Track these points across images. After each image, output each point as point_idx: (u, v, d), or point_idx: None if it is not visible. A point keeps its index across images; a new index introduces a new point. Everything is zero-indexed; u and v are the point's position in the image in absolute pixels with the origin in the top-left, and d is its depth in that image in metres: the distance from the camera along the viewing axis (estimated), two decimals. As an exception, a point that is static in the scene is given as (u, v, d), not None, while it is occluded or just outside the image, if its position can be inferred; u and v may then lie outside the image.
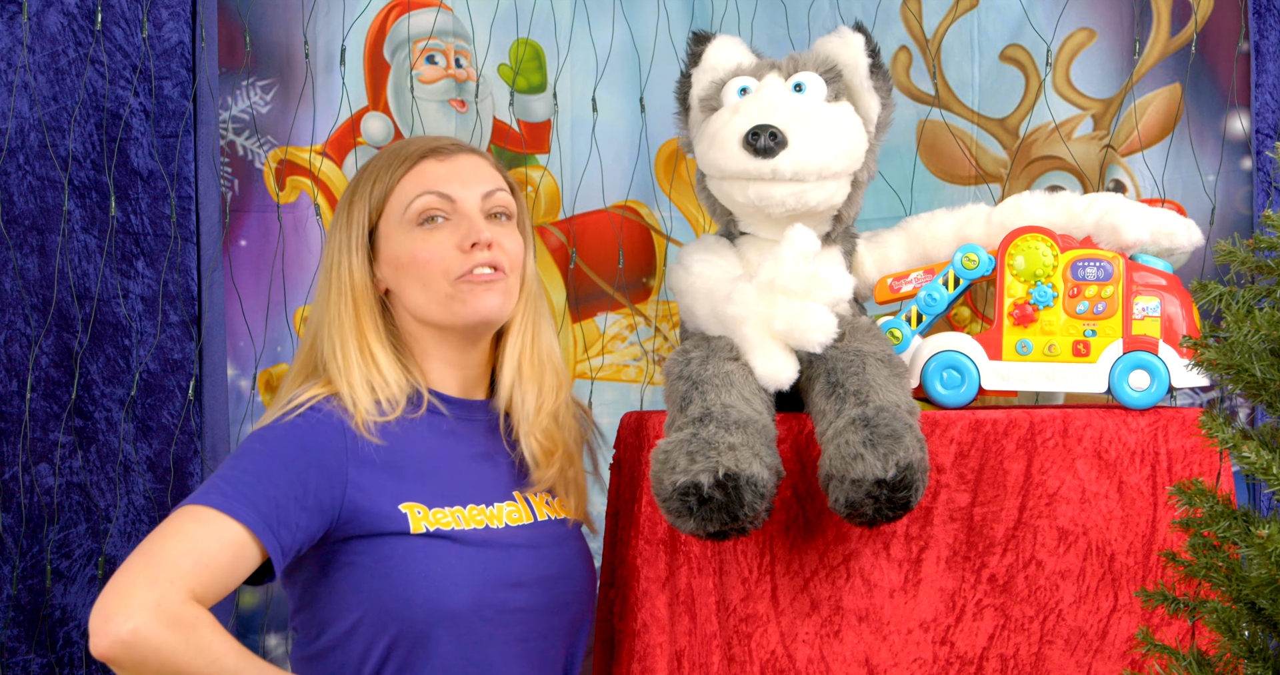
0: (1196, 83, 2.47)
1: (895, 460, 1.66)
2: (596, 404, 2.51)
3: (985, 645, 1.81)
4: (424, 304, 1.81)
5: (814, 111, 1.87)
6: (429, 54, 2.52)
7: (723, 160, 1.87)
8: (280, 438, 1.73)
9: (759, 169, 1.84)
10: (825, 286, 1.79)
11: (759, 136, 1.83)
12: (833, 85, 1.90)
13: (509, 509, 1.82)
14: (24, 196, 2.31)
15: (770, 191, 1.86)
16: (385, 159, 1.85)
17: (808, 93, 1.89)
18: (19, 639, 2.30)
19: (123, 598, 1.57)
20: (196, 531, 1.64)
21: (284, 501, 1.68)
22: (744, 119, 1.86)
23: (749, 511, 1.67)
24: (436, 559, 1.74)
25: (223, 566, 1.64)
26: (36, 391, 2.31)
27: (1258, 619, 1.43)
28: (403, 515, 1.74)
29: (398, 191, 1.82)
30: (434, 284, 1.80)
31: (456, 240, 1.80)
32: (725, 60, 1.96)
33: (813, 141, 1.85)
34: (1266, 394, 1.42)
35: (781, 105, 1.86)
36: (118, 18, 2.34)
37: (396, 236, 1.82)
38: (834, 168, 1.87)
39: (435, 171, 1.83)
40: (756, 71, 1.93)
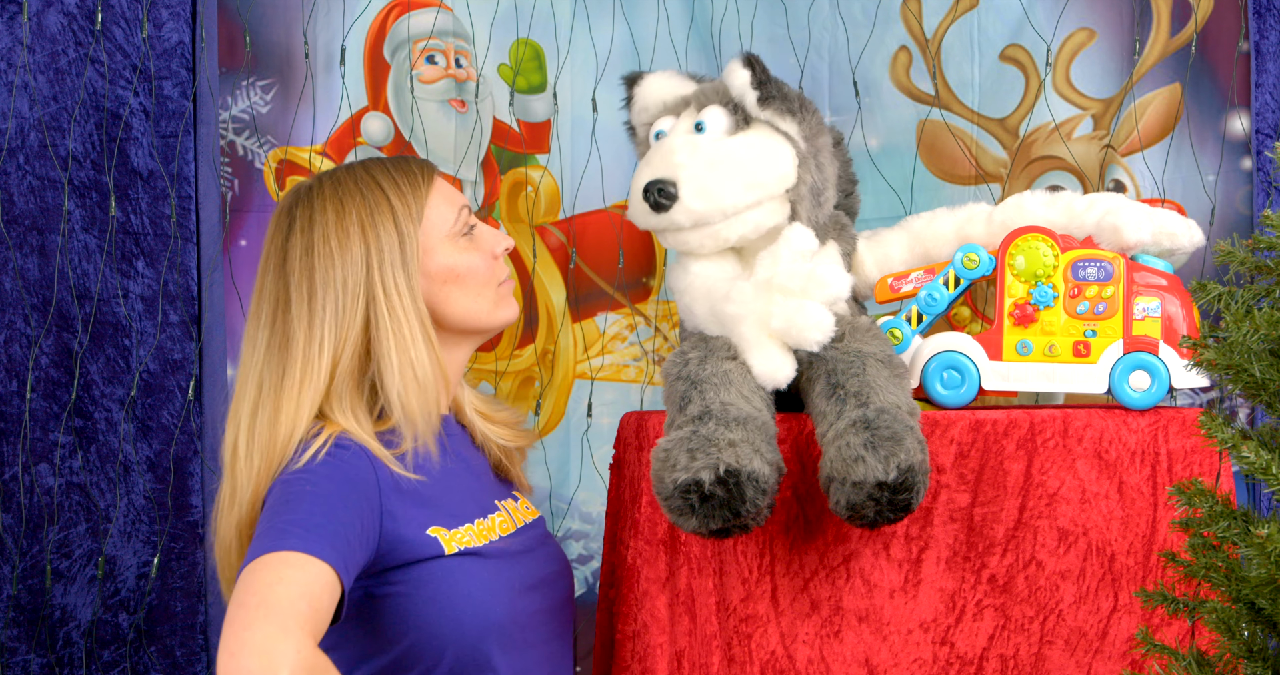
0: (1196, 83, 2.47)
1: (896, 463, 1.66)
2: (596, 404, 2.51)
3: (985, 645, 1.81)
4: (472, 312, 1.84)
5: (706, 153, 1.86)
6: (429, 54, 2.52)
7: (634, 217, 1.91)
8: (325, 476, 1.69)
9: (660, 224, 1.87)
10: (822, 285, 1.79)
11: (649, 194, 1.85)
12: (736, 116, 1.89)
13: (500, 519, 1.83)
14: (24, 196, 2.31)
15: (684, 239, 1.88)
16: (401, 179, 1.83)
17: (707, 131, 1.89)
18: (19, 639, 2.30)
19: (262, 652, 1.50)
20: (298, 576, 1.58)
21: (350, 539, 1.65)
22: (643, 174, 1.88)
23: (751, 507, 1.67)
24: (472, 576, 1.74)
25: (325, 608, 1.59)
26: (36, 391, 2.31)
27: (1258, 619, 1.43)
28: (434, 539, 1.74)
29: (431, 208, 1.83)
30: (484, 291, 1.84)
31: (487, 248, 1.85)
32: (653, 99, 1.96)
33: (704, 188, 1.84)
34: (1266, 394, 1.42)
35: (677, 153, 1.86)
36: (118, 18, 2.34)
37: (442, 250, 1.82)
38: (738, 203, 1.85)
39: (448, 186, 1.87)
40: (676, 109, 1.94)
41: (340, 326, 1.77)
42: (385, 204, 1.81)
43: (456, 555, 1.74)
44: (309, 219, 1.80)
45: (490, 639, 1.74)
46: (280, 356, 1.77)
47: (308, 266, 1.78)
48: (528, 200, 2.53)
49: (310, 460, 1.70)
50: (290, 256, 1.79)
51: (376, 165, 1.85)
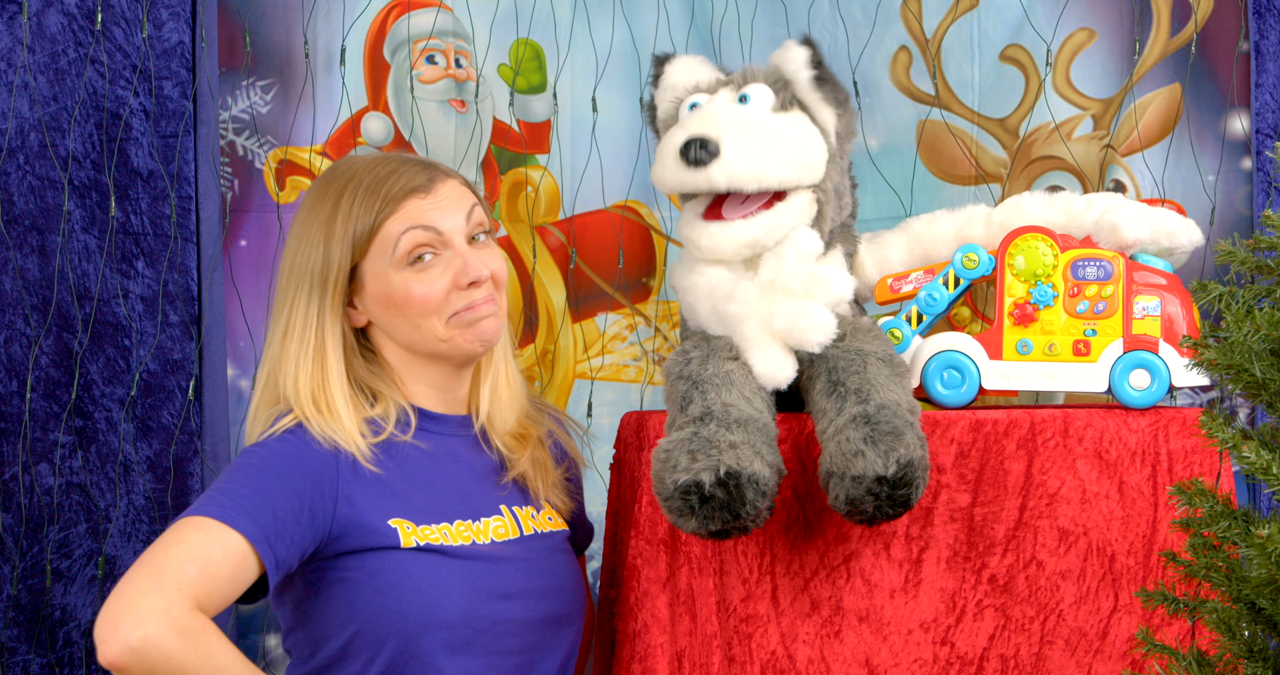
0: (1196, 83, 2.47)
1: (896, 457, 1.66)
2: (596, 404, 2.51)
3: (985, 645, 1.81)
4: (418, 341, 1.81)
5: (752, 120, 1.85)
6: (429, 54, 2.52)
7: (662, 173, 1.87)
8: (275, 453, 1.72)
9: (693, 180, 1.83)
10: (826, 287, 1.79)
11: (690, 148, 1.82)
12: (781, 95, 1.89)
13: (495, 524, 1.82)
14: (24, 196, 2.31)
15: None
16: (365, 195, 1.79)
17: (752, 103, 1.88)
18: (19, 639, 2.30)
19: (130, 605, 1.57)
20: (199, 541, 1.63)
21: (281, 515, 1.67)
22: (682, 132, 1.85)
23: (751, 510, 1.67)
24: (427, 571, 1.74)
25: (224, 576, 1.63)
26: (36, 391, 2.31)
27: (1258, 619, 1.43)
28: (392, 530, 1.74)
29: (384, 231, 1.78)
30: (426, 324, 1.79)
31: (450, 278, 1.79)
32: (684, 79, 1.95)
33: (746, 150, 1.82)
34: (1266, 394, 1.42)
35: (721, 116, 1.85)
36: (118, 18, 2.34)
37: (386, 276, 1.78)
38: (773, 174, 1.83)
39: (421, 210, 1.79)
40: (712, 88, 1.93)
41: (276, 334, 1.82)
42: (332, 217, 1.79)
43: (414, 549, 1.74)
44: (299, 211, 1.85)
45: (435, 637, 1.73)
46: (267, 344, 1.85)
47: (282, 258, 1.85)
48: (528, 200, 2.53)
49: (269, 436, 1.74)
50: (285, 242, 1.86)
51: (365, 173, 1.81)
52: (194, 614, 1.59)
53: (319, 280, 1.79)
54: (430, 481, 1.81)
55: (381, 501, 1.75)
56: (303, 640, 1.79)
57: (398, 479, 1.78)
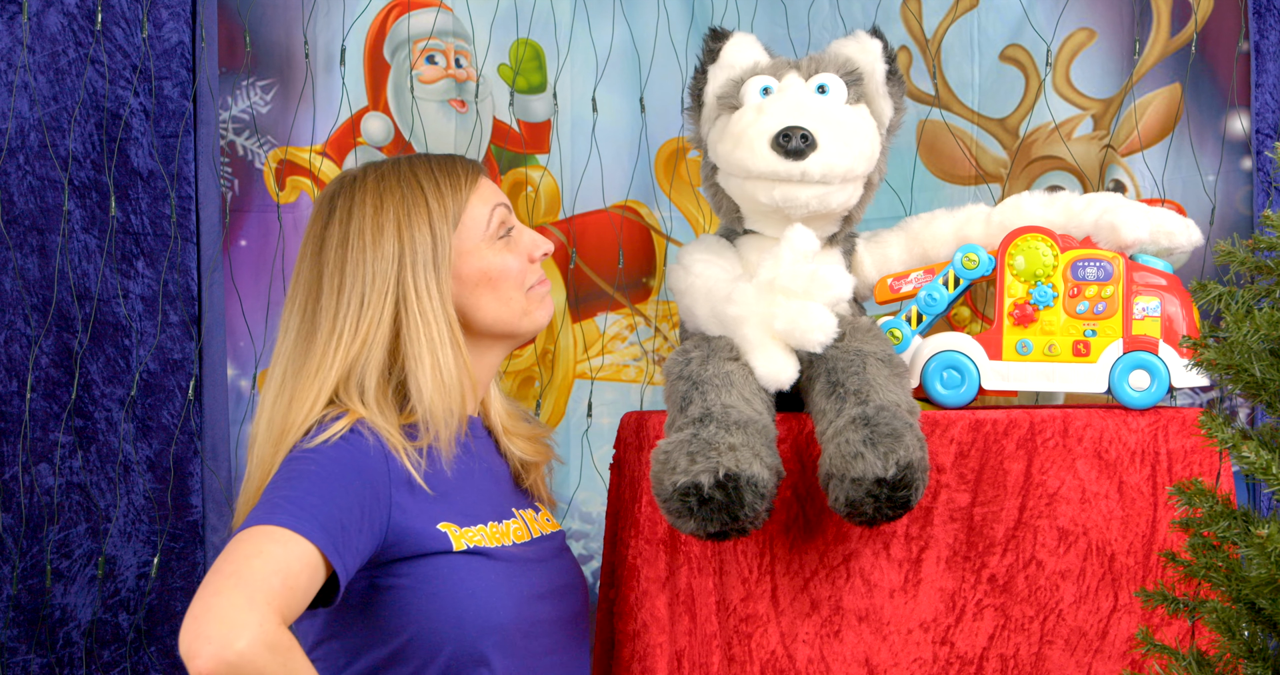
0: (1196, 83, 2.47)
1: (895, 459, 1.66)
2: (596, 404, 2.51)
3: (985, 645, 1.81)
4: (503, 316, 1.84)
5: (838, 114, 1.88)
6: (429, 54, 2.52)
7: (750, 160, 1.86)
8: (333, 459, 1.70)
9: (789, 171, 1.84)
10: (825, 286, 1.79)
11: (790, 138, 1.83)
12: (853, 88, 1.91)
13: (514, 526, 1.83)
14: (24, 196, 2.31)
15: (796, 193, 1.86)
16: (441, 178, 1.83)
17: (831, 95, 1.89)
18: (19, 639, 2.30)
19: (224, 619, 1.51)
20: (278, 552, 1.58)
21: (347, 524, 1.65)
22: (772, 119, 1.85)
23: (749, 512, 1.67)
24: (479, 575, 1.74)
25: (302, 588, 1.60)
26: (36, 391, 2.31)
27: (1258, 619, 1.43)
28: (443, 534, 1.74)
29: (469, 211, 1.83)
30: (512, 295, 1.84)
31: (523, 251, 1.86)
32: (742, 58, 1.95)
33: (839, 144, 1.85)
34: (1266, 394, 1.42)
35: (808, 106, 1.86)
36: (118, 18, 2.34)
37: (478, 252, 1.82)
38: (856, 170, 1.88)
39: (490, 188, 1.87)
40: (775, 71, 1.93)
41: (364, 321, 1.78)
42: (423, 204, 1.81)
43: (465, 553, 1.74)
44: (348, 210, 1.81)
45: (490, 640, 1.73)
46: (305, 344, 1.80)
47: (340, 258, 1.79)
48: (527, 200, 2.53)
49: (323, 442, 1.71)
50: (326, 245, 1.81)
51: (421, 163, 1.85)
52: (282, 630, 1.55)
53: (431, 262, 1.80)
54: (466, 483, 1.81)
55: (430, 506, 1.75)
56: (336, 651, 1.76)
57: (440, 481, 1.77)
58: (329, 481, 1.67)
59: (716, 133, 1.94)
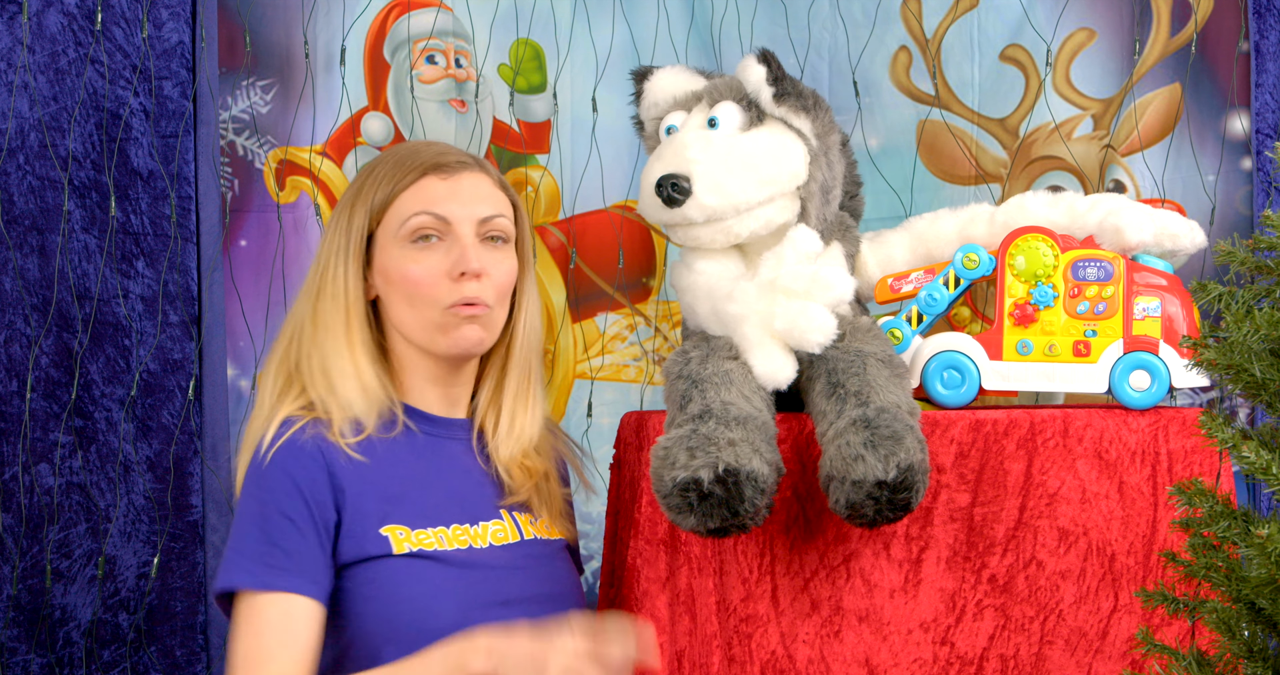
0: (1196, 83, 2.47)
1: (896, 462, 1.66)
2: (596, 404, 2.51)
3: (985, 645, 1.82)
4: (409, 323, 1.81)
5: (721, 149, 1.86)
6: (429, 54, 2.52)
7: (645, 210, 1.90)
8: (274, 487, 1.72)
9: (672, 218, 1.86)
10: (826, 287, 1.79)
11: (662, 188, 1.84)
12: (749, 112, 1.89)
13: (494, 528, 1.81)
14: (24, 196, 2.31)
15: (695, 234, 1.88)
16: (390, 166, 1.82)
17: (721, 126, 1.89)
18: (19, 639, 2.30)
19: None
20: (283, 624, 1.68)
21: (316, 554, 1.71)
22: (657, 167, 1.87)
23: (749, 507, 1.67)
24: (419, 579, 1.73)
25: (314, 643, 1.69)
26: (36, 391, 2.31)
27: (1258, 619, 1.43)
28: (384, 538, 1.74)
29: (397, 204, 1.80)
30: (421, 307, 1.79)
31: (447, 266, 1.78)
32: (663, 94, 1.96)
33: (716, 183, 1.84)
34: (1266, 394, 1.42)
35: (691, 147, 1.86)
36: (118, 18, 2.34)
37: (391, 249, 1.80)
38: (751, 199, 1.85)
39: (435, 190, 1.80)
40: (687, 104, 1.93)
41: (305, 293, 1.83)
42: (359, 187, 1.83)
43: (406, 556, 1.74)
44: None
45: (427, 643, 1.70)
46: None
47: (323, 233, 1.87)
48: (528, 200, 2.53)
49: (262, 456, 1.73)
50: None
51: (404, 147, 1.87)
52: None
53: (340, 244, 1.81)
54: (425, 483, 1.80)
55: (373, 507, 1.74)
56: None
57: (390, 481, 1.77)
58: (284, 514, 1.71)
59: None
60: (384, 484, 1.76)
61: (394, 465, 1.78)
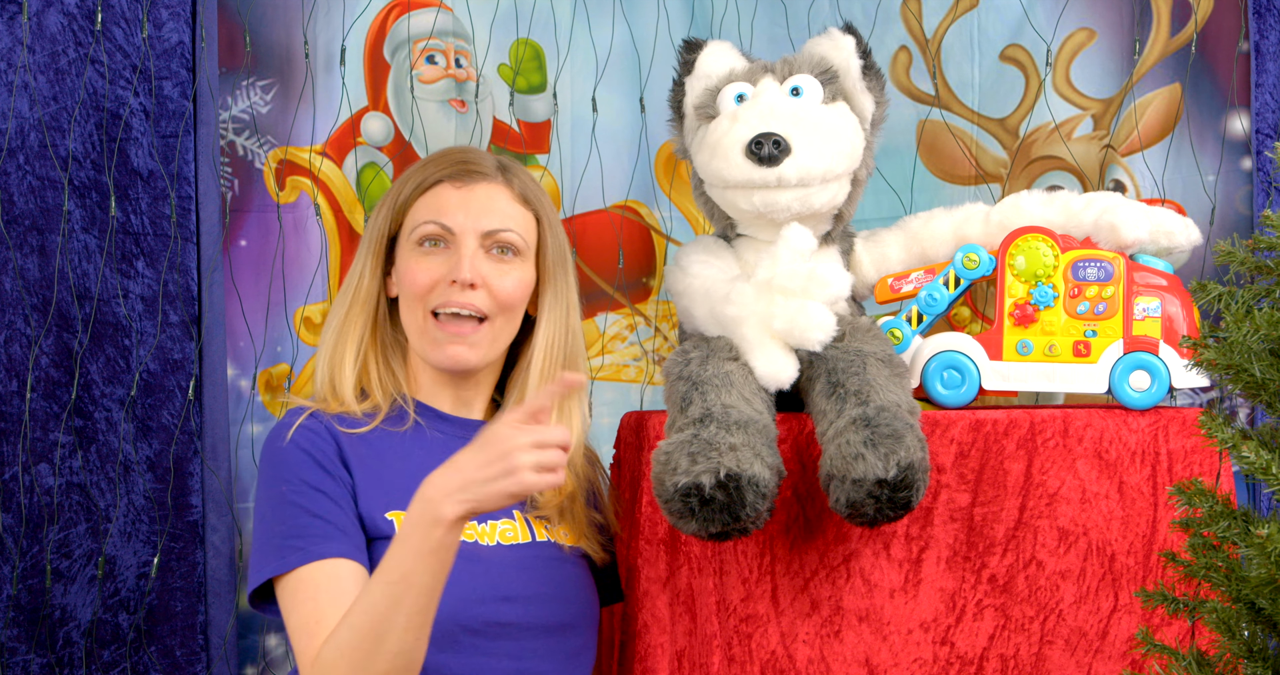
0: (1196, 83, 2.47)
1: (896, 460, 1.66)
2: (596, 404, 2.51)
3: (985, 645, 1.81)
4: (408, 326, 1.87)
5: (813, 115, 1.87)
6: (429, 54, 2.52)
7: (726, 170, 1.87)
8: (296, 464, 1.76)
9: (764, 177, 1.84)
10: (823, 285, 1.79)
11: (762, 145, 1.83)
12: (829, 87, 1.91)
13: (504, 527, 1.81)
14: (24, 196, 2.31)
15: (775, 198, 1.86)
16: (417, 169, 1.89)
17: (805, 96, 1.89)
18: (19, 639, 2.30)
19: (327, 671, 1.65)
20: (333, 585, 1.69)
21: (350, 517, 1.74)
22: (745, 127, 1.85)
23: (751, 512, 1.67)
24: None
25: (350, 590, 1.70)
26: (36, 391, 2.30)
27: (1258, 619, 1.43)
28: (389, 522, 1.75)
29: (414, 208, 1.87)
30: (415, 308, 1.84)
31: (443, 272, 1.83)
32: (718, 66, 1.96)
33: (814, 146, 1.85)
34: (1266, 394, 1.42)
35: (781, 111, 1.86)
36: (118, 18, 2.34)
37: (403, 251, 1.87)
38: (836, 170, 1.87)
39: (448, 198, 1.85)
40: (750, 76, 1.93)
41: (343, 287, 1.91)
42: (393, 187, 1.90)
43: None
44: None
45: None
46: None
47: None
48: (528, 200, 2.53)
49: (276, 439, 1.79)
50: None
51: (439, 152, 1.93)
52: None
53: (367, 242, 1.89)
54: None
55: (380, 493, 1.77)
56: None
57: (396, 474, 1.78)
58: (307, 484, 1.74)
59: (696, 143, 1.94)
60: (390, 473, 1.78)
61: (402, 458, 1.80)
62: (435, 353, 1.83)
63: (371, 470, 1.78)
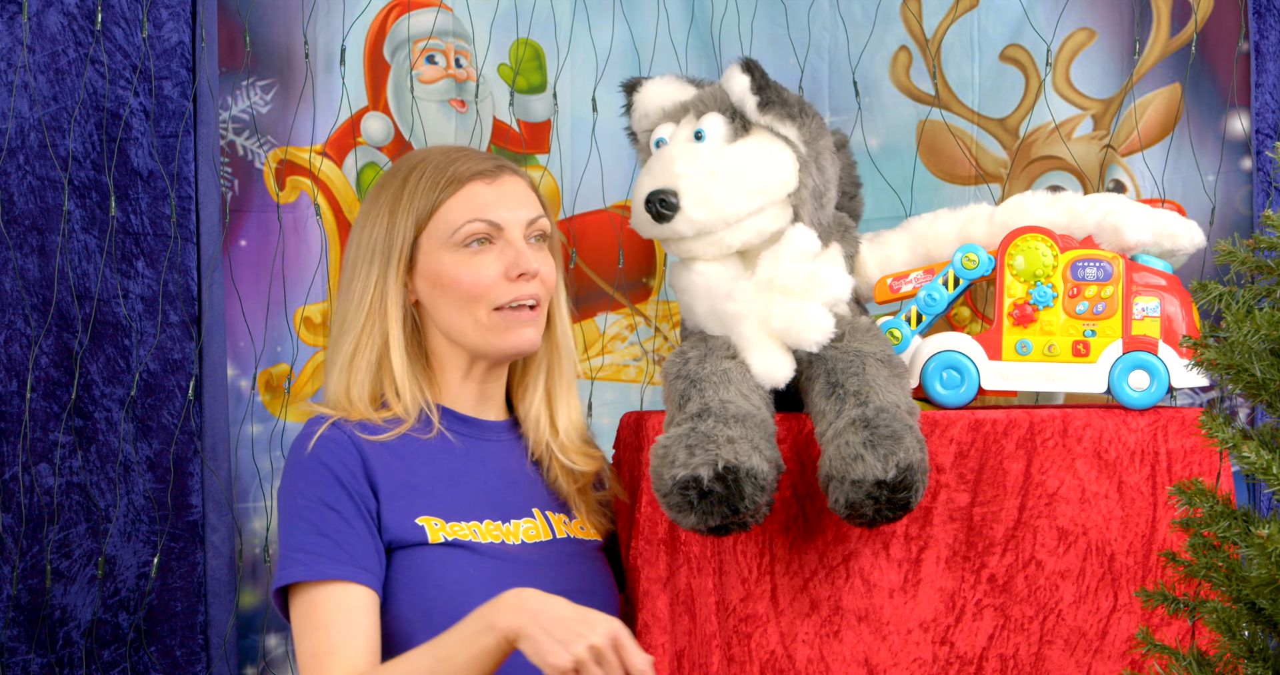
0: (1196, 83, 2.47)
1: (895, 461, 1.66)
2: (596, 404, 2.51)
3: (985, 645, 1.81)
4: (458, 326, 1.84)
5: (707, 162, 1.86)
6: (429, 54, 2.52)
7: (637, 226, 1.90)
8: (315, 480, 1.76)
9: (663, 233, 1.87)
10: (823, 286, 1.79)
11: (651, 205, 1.85)
12: (735, 122, 1.89)
13: (526, 525, 1.83)
14: (24, 196, 2.31)
15: (688, 247, 1.88)
16: (431, 174, 1.85)
17: (707, 139, 1.88)
18: (19, 639, 2.30)
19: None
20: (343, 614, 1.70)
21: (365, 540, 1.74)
22: (648, 181, 1.88)
23: (750, 504, 1.67)
24: (453, 567, 1.76)
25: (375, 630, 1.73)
26: (36, 391, 2.31)
27: (1258, 619, 1.43)
28: (420, 527, 1.76)
29: (444, 211, 1.84)
30: (473, 309, 1.82)
31: (503, 267, 1.82)
32: (652, 107, 1.97)
33: (705, 196, 1.84)
34: (1266, 394, 1.42)
35: (678, 161, 1.86)
36: (118, 18, 2.34)
37: (438, 255, 1.83)
38: (740, 210, 1.85)
39: (483, 196, 1.84)
40: (676, 116, 1.93)
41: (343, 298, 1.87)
42: (395, 194, 1.85)
43: (442, 545, 1.76)
44: (368, 194, 1.91)
45: None
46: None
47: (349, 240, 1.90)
48: (527, 200, 2.53)
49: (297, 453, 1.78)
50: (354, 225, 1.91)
51: (435, 154, 1.88)
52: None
53: (382, 251, 1.84)
54: (458, 481, 1.82)
55: (408, 499, 1.78)
56: None
57: (423, 479, 1.79)
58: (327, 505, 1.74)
59: None
60: (417, 479, 1.79)
61: (427, 463, 1.81)
62: (505, 341, 1.83)
63: (398, 478, 1.78)
